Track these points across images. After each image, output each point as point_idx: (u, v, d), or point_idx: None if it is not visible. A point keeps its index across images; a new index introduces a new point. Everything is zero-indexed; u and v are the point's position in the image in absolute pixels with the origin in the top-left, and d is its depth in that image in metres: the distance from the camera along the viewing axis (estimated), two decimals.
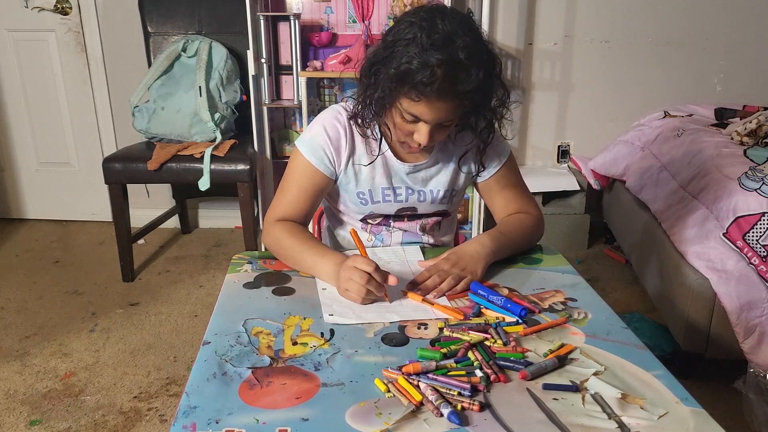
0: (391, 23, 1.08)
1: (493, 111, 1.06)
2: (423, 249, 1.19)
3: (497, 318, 0.91)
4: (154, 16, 2.65)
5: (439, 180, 1.20)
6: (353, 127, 1.14)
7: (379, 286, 0.95)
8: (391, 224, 1.23)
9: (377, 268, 0.94)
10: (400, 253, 1.16)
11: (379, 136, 1.15)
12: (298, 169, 1.16)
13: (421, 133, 1.03)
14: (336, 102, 2.70)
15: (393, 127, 1.07)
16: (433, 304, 0.95)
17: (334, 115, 1.16)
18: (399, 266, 1.10)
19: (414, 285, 1.01)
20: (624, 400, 0.72)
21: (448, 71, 0.94)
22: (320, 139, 1.14)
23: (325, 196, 1.24)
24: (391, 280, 0.95)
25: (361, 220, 1.23)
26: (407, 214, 1.22)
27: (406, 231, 1.23)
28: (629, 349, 0.83)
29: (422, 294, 0.98)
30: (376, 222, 1.23)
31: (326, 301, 0.96)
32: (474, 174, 1.21)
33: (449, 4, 2.43)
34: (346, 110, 1.14)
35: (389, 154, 1.17)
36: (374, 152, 1.15)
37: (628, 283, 2.47)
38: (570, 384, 0.74)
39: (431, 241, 1.26)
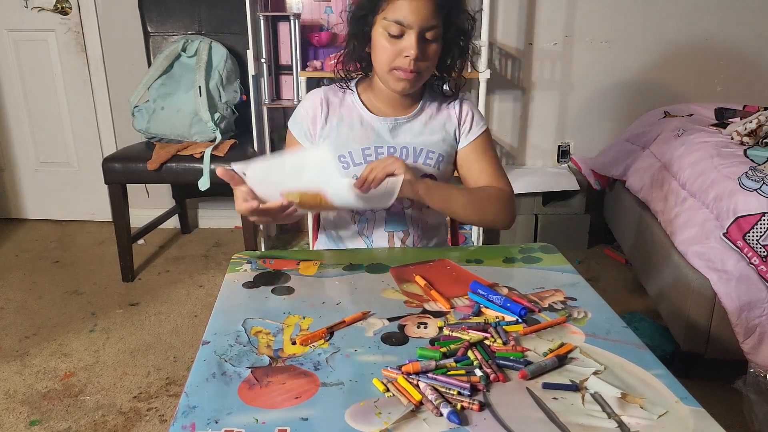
0: None
1: (465, 32, 1.16)
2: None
3: (497, 317, 0.90)
4: (154, 16, 2.65)
5: (423, 140, 1.23)
6: (328, 94, 1.24)
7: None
8: None
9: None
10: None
11: (356, 94, 1.23)
12: (289, 146, 1.27)
13: (410, 42, 1.09)
14: None
15: (383, 54, 1.12)
16: (431, 291, 0.96)
17: (313, 91, 1.27)
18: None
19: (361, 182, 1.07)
20: (624, 399, 0.71)
21: None
22: (301, 111, 1.25)
23: None
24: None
25: None
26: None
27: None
28: (629, 348, 0.83)
29: (360, 186, 1.04)
30: None
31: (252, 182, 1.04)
32: (456, 140, 1.26)
33: None
34: (326, 84, 1.27)
35: (366, 113, 1.22)
36: (350, 110, 1.22)
37: (628, 282, 2.47)
38: (570, 383, 0.74)
39: (418, 215, 1.25)
